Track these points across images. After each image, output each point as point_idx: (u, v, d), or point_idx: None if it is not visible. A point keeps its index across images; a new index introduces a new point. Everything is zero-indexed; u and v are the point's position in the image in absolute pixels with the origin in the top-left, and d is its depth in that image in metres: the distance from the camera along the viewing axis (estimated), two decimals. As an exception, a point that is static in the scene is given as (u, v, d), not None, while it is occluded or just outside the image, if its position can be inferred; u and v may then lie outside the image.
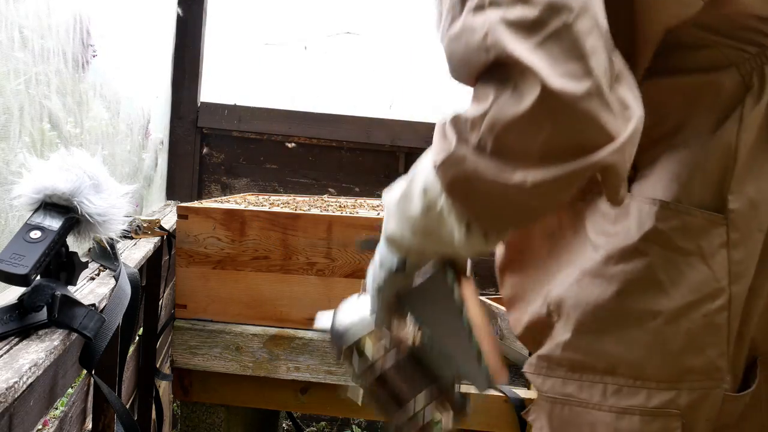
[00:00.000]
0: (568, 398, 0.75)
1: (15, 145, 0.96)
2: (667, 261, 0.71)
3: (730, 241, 0.69)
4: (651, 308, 0.71)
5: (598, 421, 0.73)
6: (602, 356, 0.73)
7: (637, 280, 0.72)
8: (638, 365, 0.72)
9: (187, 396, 1.57)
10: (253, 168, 2.52)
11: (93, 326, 0.85)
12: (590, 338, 0.73)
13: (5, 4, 0.92)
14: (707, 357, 0.70)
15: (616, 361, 0.73)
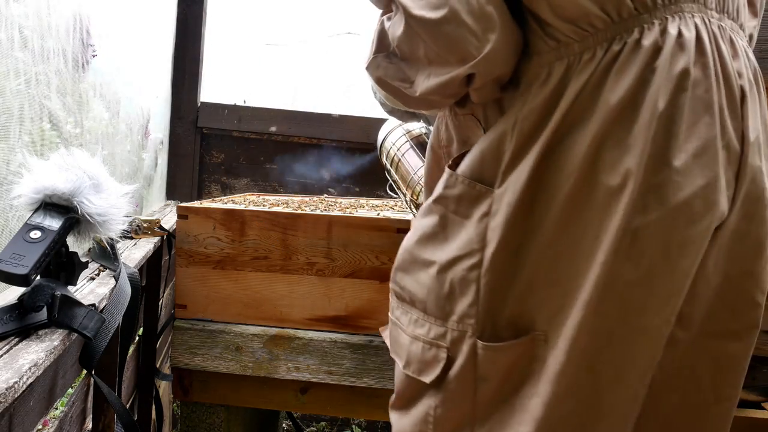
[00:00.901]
0: (396, 321, 0.91)
1: (15, 145, 0.96)
2: (448, 221, 0.84)
3: (491, 211, 0.79)
4: (431, 258, 0.85)
5: (404, 342, 0.88)
6: (407, 291, 0.88)
7: (427, 233, 0.86)
8: (424, 303, 0.86)
9: (187, 396, 1.57)
10: (253, 168, 2.52)
11: (93, 326, 0.85)
12: (401, 275, 0.89)
13: (5, 4, 0.92)
14: (462, 305, 0.81)
15: (414, 297, 0.87)
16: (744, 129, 0.76)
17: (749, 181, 0.77)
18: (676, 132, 0.72)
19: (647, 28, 0.73)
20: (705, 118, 0.73)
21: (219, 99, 2.48)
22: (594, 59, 0.74)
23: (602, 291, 0.74)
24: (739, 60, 0.77)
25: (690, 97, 0.72)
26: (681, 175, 0.72)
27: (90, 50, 1.29)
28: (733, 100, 0.76)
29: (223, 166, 2.51)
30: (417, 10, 0.77)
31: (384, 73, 0.85)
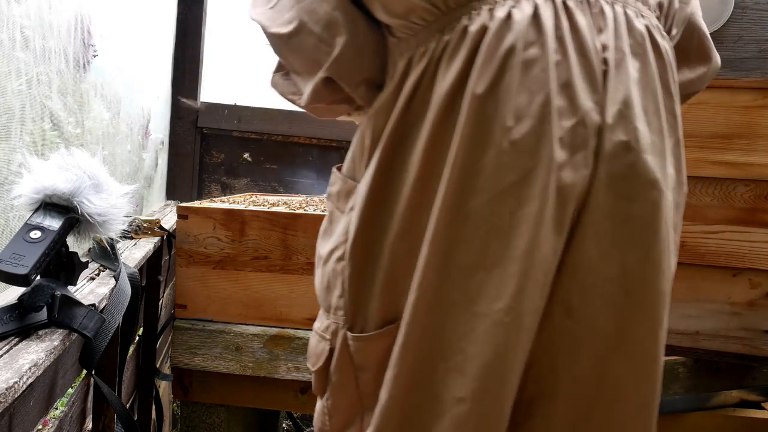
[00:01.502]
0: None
1: (16, 145, 0.96)
2: (333, 216, 0.88)
3: (355, 206, 0.81)
4: (321, 252, 0.88)
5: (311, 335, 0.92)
6: (316, 285, 0.91)
7: (322, 229, 0.90)
8: (318, 296, 0.89)
9: (187, 396, 1.57)
10: (253, 168, 2.52)
11: (93, 326, 0.85)
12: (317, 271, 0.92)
13: (6, 4, 0.92)
14: (335, 297, 0.84)
15: (316, 291, 0.90)
16: (605, 104, 0.73)
17: (611, 157, 0.73)
18: (502, 113, 0.71)
19: (475, 14, 0.73)
20: (539, 97, 0.71)
21: (219, 99, 2.49)
22: (428, 52, 0.75)
23: (437, 275, 0.74)
24: (608, 31, 0.75)
25: (520, 77, 0.71)
26: (508, 156, 0.71)
27: (91, 50, 1.29)
28: (591, 74, 0.73)
29: (223, 166, 2.51)
30: (272, 29, 0.83)
31: (281, 90, 0.91)
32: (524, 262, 0.72)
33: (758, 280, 1.35)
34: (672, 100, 0.80)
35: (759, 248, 1.33)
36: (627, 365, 0.79)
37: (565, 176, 0.72)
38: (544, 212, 0.72)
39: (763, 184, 1.32)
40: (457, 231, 0.73)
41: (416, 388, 0.77)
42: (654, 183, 0.75)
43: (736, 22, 1.27)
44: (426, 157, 0.75)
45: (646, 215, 0.76)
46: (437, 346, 0.75)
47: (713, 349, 1.39)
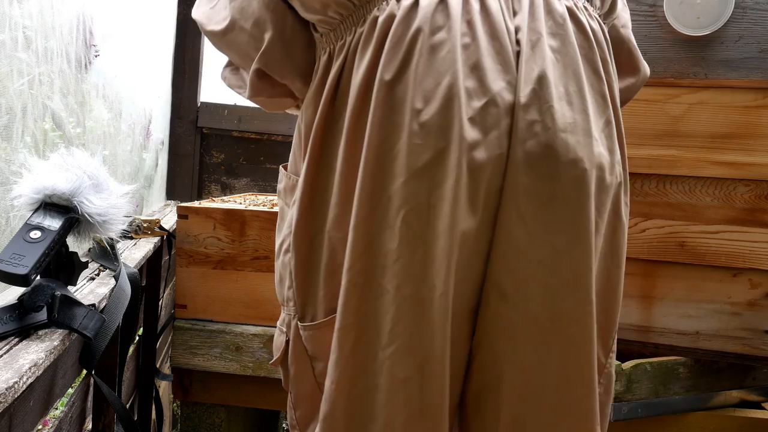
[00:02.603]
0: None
1: (17, 145, 0.96)
2: (283, 212, 0.90)
3: (295, 199, 0.84)
4: (275, 248, 0.92)
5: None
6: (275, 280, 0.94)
7: (277, 226, 0.93)
8: (276, 291, 0.92)
9: (187, 396, 1.57)
10: (253, 168, 2.52)
11: (93, 326, 0.85)
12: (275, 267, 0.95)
13: (8, 5, 0.92)
14: (286, 289, 0.87)
15: (275, 286, 0.93)
16: (518, 83, 0.73)
17: (526, 137, 0.73)
18: (410, 97, 0.72)
19: (385, 4, 0.75)
20: (446, 78, 0.72)
21: (219, 99, 2.49)
22: (345, 44, 0.78)
23: (364, 261, 0.75)
24: (523, 13, 0.75)
25: (427, 61, 0.72)
26: (420, 138, 0.72)
27: (93, 50, 1.29)
28: (503, 55, 0.73)
29: (223, 166, 2.51)
30: (208, 27, 0.88)
31: (229, 83, 0.96)
32: (445, 240, 0.73)
33: (758, 280, 1.35)
34: (601, 81, 0.79)
35: (759, 248, 1.33)
36: (568, 351, 0.78)
37: (478, 155, 0.72)
38: (459, 191, 0.72)
39: (763, 184, 1.32)
40: (380, 215, 0.74)
41: (360, 375, 0.77)
42: (575, 162, 0.74)
43: (736, 22, 1.27)
44: (347, 146, 0.76)
45: (569, 195, 0.75)
46: (375, 334, 0.76)
47: (713, 349, 1.39)
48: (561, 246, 0.75)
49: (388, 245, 0.74)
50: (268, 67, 0.82)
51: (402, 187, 0.72)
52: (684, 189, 1.35)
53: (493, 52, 0.73)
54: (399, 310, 0.74)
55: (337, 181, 0.78)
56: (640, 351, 1.43)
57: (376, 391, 0.76)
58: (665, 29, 1.29)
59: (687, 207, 1.35)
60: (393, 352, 0.74)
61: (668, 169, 1.34)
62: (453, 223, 0.72)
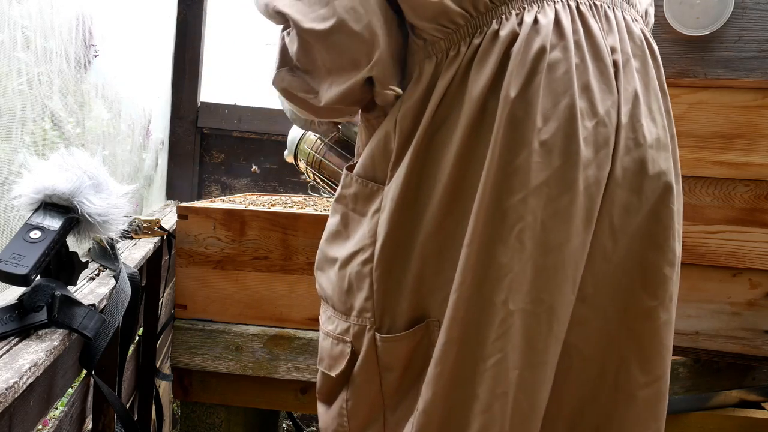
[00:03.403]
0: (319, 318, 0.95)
1: (17, 145, 0.96)
2: (349, 218, 0.88)
3: (381, 207, 0.82)
4: (335, 255, 0.88)
5: (320, 339, 0.93)
6: (322, 288, 0.92)
7: (332, 231, 0.90)
8: (332, 299, 0.89)
9: (187, 396, 1.57)
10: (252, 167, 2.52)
11: (93, 326, 0.85)
12: (318, 273, 0.93)
13: (8, 5, 0.92)
14: (360, 299, 0.84)
15: (326, 294, 0.90)
16: (619, 103, 0.77)
17: (623, 153, 0.78)
18: (532, 115, 0.74)
19: (505, 18, 0.76)
20: (565, 99, 0.74)
21: (219, 99, 2.49)
22: (459, 55, 0.77)
23: (476, 272, 0.76)
24: (614, 35, 0.78)
25: (546, 79, 0.74)
26: (540, 156, 0.74)
27: (92, 50, 1.29)
28: (606, 75, 0.77)
29: (223, 166, 2.51)
30: (307, 24, 0.79)
31: (289, 86, 0.87)
32: (556, 257, 0.75)
33: (758, 280, 1.35)
34: (666, 99, 0.85)
35: (759, 248, 1.33)
36: (631, 344, 0.82)
37: (591, 173, 0.76)
38: (574, 208, 0.75)
39: (763, 184, 1.32)
40: (495, 230, 0.75)
41: (458, 387, 0.78)
42: (660, 175, 0.80)
43: (736, 22, 1.27)
44: (459, 159, 0.77)
45: (653, 204, 0.80)
46: (477, 347, 0.77)
47: (713, 349, 1.39)
48: (636, 249, 0.80)
49: (500, 259, 0.75)
50: (379, 75, 0.79)
51: (519, 203, 0.74)
52: (684, 189, 1.34)
53: (597, 73, 0.77)
54: (503, 323, 0.75)
55: (440, 192, 0.78)
56: (639, 351, 1.43)
57: (475, 401, 0.77)
58: (665, 29, 1.29)
59: (687, 207, 1.34)
60: (494, 364, 0.76)
61: (668, 169, 1.34)
62: (565, 239, 0.75)
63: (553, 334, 0.76)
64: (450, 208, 0.78)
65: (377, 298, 0.83)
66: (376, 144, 0.85)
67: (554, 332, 0.76)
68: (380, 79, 0.80)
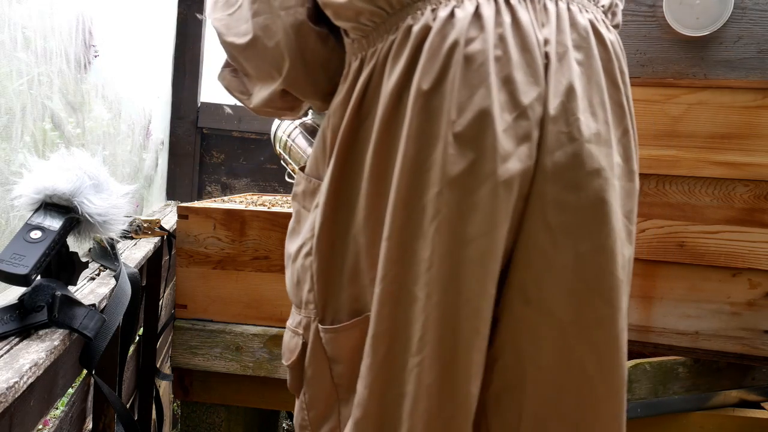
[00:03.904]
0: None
1: (17, 146, 0.96)
2: (300, 215, 0.92)
3: (318, 202, 0.85)
4: (290, 250, 0.92)
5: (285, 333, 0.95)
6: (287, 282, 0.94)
7: (290, 228, 0.94)
8: (289, 293, 0.92)
9: (187, 396, 1.57)
10: (253, 168, 2.52)
11: (93, 326, 0.85)
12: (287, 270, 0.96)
13: (8, 5, 0.92)
14: (305, 292, 0.87)
15: (287, 289, 0.94)
16: (547, 96, 0.75)
17: (554, 148, 0.75)
18: (447, 108, 0.74)
19: (420, 14, 0.76)
20: (480, 90, 0.73)
21: (219, 99, 2.49)
22: (377, 52, 0.79)
23: (397, 269, 0.76)
24: (550, 26, 0.77)
25: (462, 72, 0.73)
26: (454, 149, 0.73)
27: (92, 51, 1.29)
28: (533, 68, 0.75)
29: (223, 166, 2.51)
30: (228, 37, 0.88)
31: (228, 85, 0.96)
32: (474, 249, 0.74)
33: (758, 280, 1.36)
34: (618, 92, 0.82)
35: (759, 248, 1.33)
36: (590, 353, 0.79)
37: (510, 166, 0.74)
38: (492, 200, 0.74)
39: (762, 184, 1.32)
40: (414, 224, 0.76)
41: (391, 382, 0.78)
42: (598, 171, 0.77)
43: (736, 22, 1.27)
44: (377, 153, 0.78)
45: (594, 203, 0.77)
46: (407, 341, 0.77)
47: (713, 349, 1.39)
48: (585, 252, 0.77)
49: (421, 254, 0.75)
50: (293, 88, 0.86)
51: (436, 196, 0.74)
52: (683, 189, 1.35)
53: (524, 65, 0.75)
54: (428, 318, 0.75)
55: (365, 187, 0.79)
56: (639, 351, 1.43)
57: (405, 399, 0.77)
58: (665, 29, 1.29)
59: (686, 207, 1.35)
60: (421, 360, 0.76)
61: (668, 169, 1.34)
62: (484, 231, 0.74)
63: (473, 328, 0.76)
64: (374, 202, 0.79)
65: (318, 290, 0.85)
66: (317, 141, 0.89)
67: (474, 326, 0.76)
68: (294, 91, 0.86)
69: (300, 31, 0.83)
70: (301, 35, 0.83)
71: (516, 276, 0.78)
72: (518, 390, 0.80)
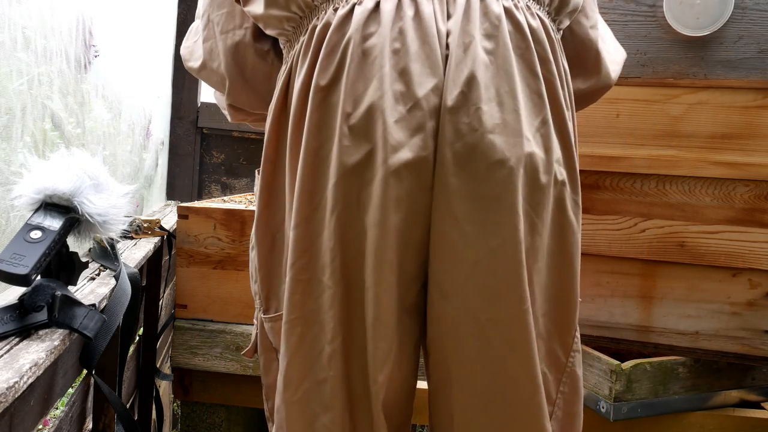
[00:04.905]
0: None
1: (17, 146, 0.96)
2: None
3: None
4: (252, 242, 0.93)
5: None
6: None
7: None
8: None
9: (187, 396, 1.57)
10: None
11: (93, 326, 0.85)
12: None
13: (8, 5, 0.92)
14: (254, 282, 0.92)
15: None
16: (444, 87, 0.75)
17: (454, 139, 0.75)
18: (342, 101, 0.76)
19: (323, 14, 0.80)
20: (373, 83, 0.75)
21: (219, 99, 2.49)
22: (292, 53, 0.83)
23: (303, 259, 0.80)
24: (457, 17, 0.77)
25: (357, 66, 0.76)
26: (349, 140, 0.76)
27: (92, 51, 1.29)
28: (432, 59, 0.75)
29: (223, 166, 2.51)
30: (189, 63, 1.00)
31: (219, 103, 1.06)
32: (373, 237, 0.76)
33: (758, 281, 1.35)
34: (537, 80, 0.79)
35: (759, 248, 1.33)
36: (508, 349, 0.79)
37: (402, 155, 0.74)
38: (386, 190, 0.75)
39: (763, 184, 1.32)
40: (319, 216, 0.78)
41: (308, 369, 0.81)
42: (502, 162, 0.75)
43: (736, 22, 1.27)
44: (290, 150, 0.82)
45: (499, 195, 0.76)
46: (320, 329, 0.80)
47: (713, 349, 1.39)
48: (496, 246, 0.76)
49: (326, 244, 0.78)
50: (237, 103, 0.95)
51: (334, 187, 0.77)
52: (684, 189, 1.35)
53: (422, 57, 0.75)
54: (336, 307, 0.79)
55: (287, 182, 0.83)
56: (639, 351, 1.43)
57: (325, 384, 0.80)
58: (665, 29, 1.29)
59: (687, 207, 1.35)
60: (338, 346, 0.79)
61: (668, 169, 1.34)
62: (381, 220, 0.75)
63: (375, 316, 0.77)
64: (292, 196, 0.82)
65: (260, 282, 0.89)
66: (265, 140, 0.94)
67: (375, 314, 0.77)
68: (240, 105, 0.95)
69: (237, 52, 0.91)
70: (239, 55, 0.91)
71: (432, 270, 0.79)
72: (447, 389, 0.81)
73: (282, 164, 0.85)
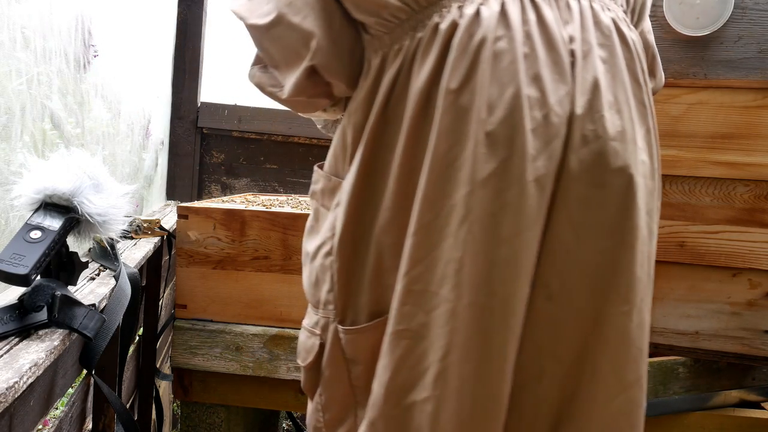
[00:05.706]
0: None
1: (16, 145, 0.96)
2: (319, 213, 0.90)
3: (339, 201, 0.83)
4: (308, 249, 0.90)
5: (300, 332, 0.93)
6: (303, 283, 0.92)
7: (308, 227, 0.92)
8: (307, 293, 0.90)
9: (187, 396, 1.57)
10: (253, 168, 2.52)
11: (93, 326, 0.85)
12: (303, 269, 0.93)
13: (7, 5, 0.92)
14: (324, 292, 0.86)
15: (305, 289, 0.92)
16: (574, 93, 0.75)
17: (580, 145, 0.75)
18: (477, 106, 0.73)
19: (446, 11, 0.76)
20: (510, 89, 0.73)
21: (219, 99, 2.49)
22: (402, 49, 0.78)
23: (421, 268, 0.75)
24: (574, 24, 0.77)
25: (491, 70, 0.73)
26: (486, 147, 0.73)
27: (91, 50, 1.29)
28: (560, 65, 0.75)
29: (223, 166, 2.51)
30: (251, 20, 0.84)
31: (259, 81, 0.91)
32: (508, 249, 0.74)
33: (758, 281, 1.35)
34: (641, 90, 0.81)
35: (759, 248, 1.33)
36: (604, 349, 0.79)
37: (540, 164, 0.74)
38: (523, 200, 0.73)
39: (763, 184, 1.32)
40: (442, 224, 0.75)
41: (412, 385, 0.77)
42: (623, 169, 0.77)
43: (736, 22, 1.27)
44: (406, 152, 0.77)
45: (618, 201, 0.77)
46: (429, 343, 0.76)
47: (713, 349, 1.39)
48: (607, 249, 0.77)
49: (449, 254, 0.74)
50: (321, 65, 0.81)
51: (467, 196, 0.73)
52: (684, 189, 1.35)
53: (550, 63, 0.75)
54: (459, 320, 0.74)
55: (392, 186, 0.78)
56: (639, 351, 1.43)
57: (427, 403, 0.76)
58: (665, 29, 1.29)
59: (687, 207, 1.35)
60: (448, 364, 0.75)
61: (668, 169, 1.34)
62: (516, 231, 0.74)
63: (509, 327, 0.75)
64: (402, 202, 0.78)
65: (338, 290, 0.84)
66: (336, 139, 0.87)
67: (509, 325, 0.75)
68: (323, 68, 0.81)
69: (326, 5, 0.80)
70: (327, 8, 0.80)
71: (541, 272, 0.77)
72: (536, 381, 0.80)
73: (380, 167, 0.79)
